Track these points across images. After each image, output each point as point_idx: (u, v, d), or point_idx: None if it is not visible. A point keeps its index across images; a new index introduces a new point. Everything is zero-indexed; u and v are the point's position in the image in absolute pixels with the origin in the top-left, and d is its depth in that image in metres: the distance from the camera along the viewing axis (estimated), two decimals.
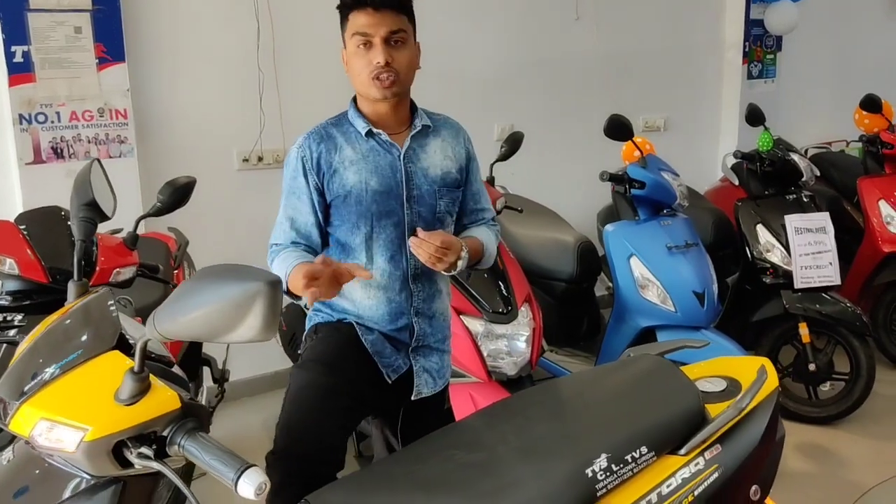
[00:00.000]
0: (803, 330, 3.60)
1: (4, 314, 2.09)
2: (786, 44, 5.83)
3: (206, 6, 3.76)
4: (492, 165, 3.12)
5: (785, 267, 3.64)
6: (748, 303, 3.82)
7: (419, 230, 1.79)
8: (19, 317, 2.09)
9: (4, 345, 2.01)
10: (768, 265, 3.70)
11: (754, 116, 3.88)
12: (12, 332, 2.03)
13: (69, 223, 2.28)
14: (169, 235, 3.22)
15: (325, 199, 1.87)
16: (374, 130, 1.87)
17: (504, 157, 3.13)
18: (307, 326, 2.03)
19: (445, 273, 1.87)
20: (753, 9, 5.51)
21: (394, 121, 1.90)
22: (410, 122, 1.93)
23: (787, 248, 3.63)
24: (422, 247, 1.76)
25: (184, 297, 1.04)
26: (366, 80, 1.82)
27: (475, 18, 4.55)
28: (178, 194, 2.42)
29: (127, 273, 2.28)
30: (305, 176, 1.85)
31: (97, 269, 2.16)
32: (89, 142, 3.46)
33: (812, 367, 3.59)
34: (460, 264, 1.81)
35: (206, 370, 3.13)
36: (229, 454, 1.11)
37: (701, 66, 5.61)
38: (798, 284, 3.59)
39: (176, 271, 2.99)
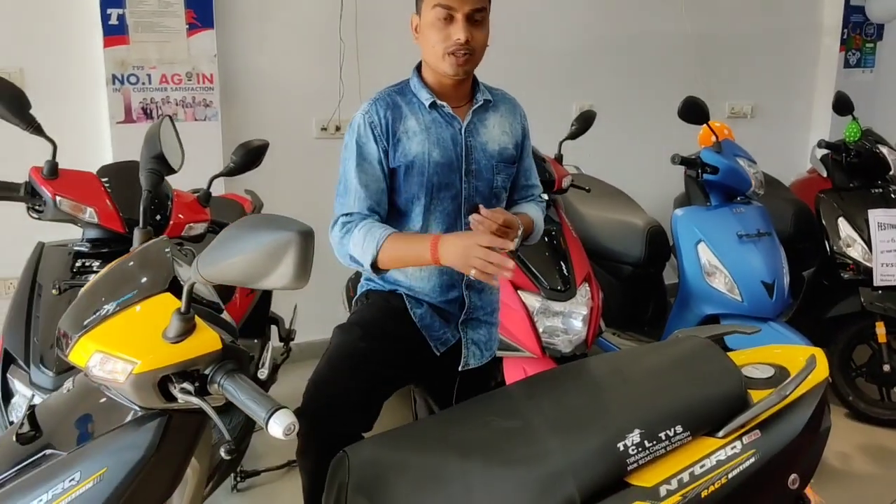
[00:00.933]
0: (880, 329, 3.47)
1: (84, 260, 2.23)
2: (887, 33, 5.55)
3: None
4: (560, 143, 3.10)
5: (865, 263, 3.51)
6: (824, 298, 3.70)
7: (481, 208, 1.80)
8: (97, 263, 2.22)
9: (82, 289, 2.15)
10: (848, 260, 3.57)
11: (842, 105, 3.73)
12: (90, 277, 2.16)
13: None
14: (245, 197, 3.34)
15: (387, 166, 1.88)
16: (438, 102, 1.88)
17: (574, 136, 3.11)
18: (358, 292, 2.08)
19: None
20: None
21: (457, 94, 1.91)
22: (471, 95, 1.94)
23: (868, 243, 3.50)
24: (483, 224, 1.76)
25: (224, 244, 1.11)
26: (440, 53, 1.82)
27: None
28: (250, 156, 2.51)
29: (199, 228, 2.39)
30: (375, 141, 1.83)
31: (171, 222, 2.28)
32: (177, 104, 3.61)
33: (887, 367, 3.46)
34: (516, 242, 1.80)
35: (273, 329, 3.25)
36: (264, 396, 1.17)
37: (795, 52, 5.41)
38: (878, 282, 3.46)
39: None
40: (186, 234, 2.35)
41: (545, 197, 2.15)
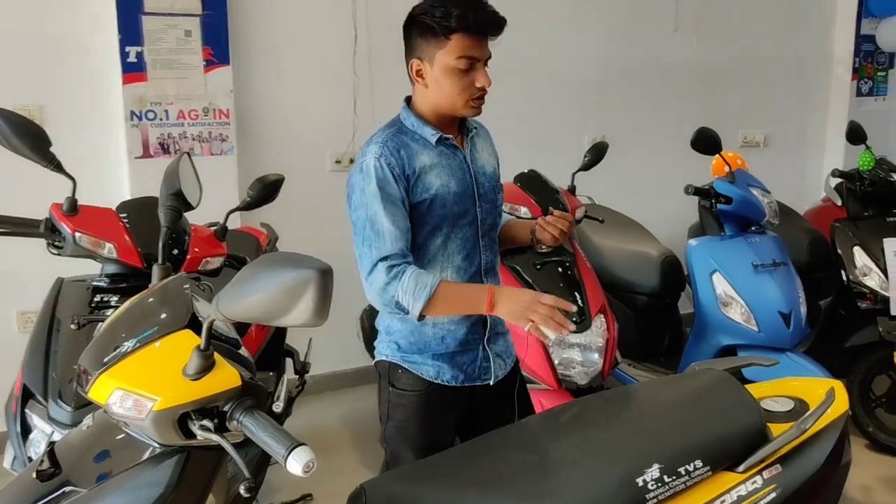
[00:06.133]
0: None
1: (102, 295, 2.26)
2: None
3: (307, 12, 3.92)
4: (574, 174, 3.12)
5: (882, 292, 3.48)
6: (842, 328, 3.67)
7: (553, 210, 2.01)
8: (115, 298, 2.25)
9: (100, 323, 2.16)
10: (864, 290, 3.54)
11: (855, 134, 3.73)
12: (108, 312, 2.18)
13: None
14: (261, 230, 3.37)
15: (408, 204, 1.88)
16: (444, 136, 1.91)
17: (587, 167, 3.13)
18: (377, 352, 2.06)
19: (542, 248, 2.04)
20: (864, 24, 5.28)
21: (452, 126, 1.96)
22: (460, 125, 1.99)
23: (885, 272, 3.47)
24: (557, 224, 1.95)
25: (244, 282, 1.12)
26: (463, 100, 1.86)
27: (570, 24, 4.57)
28: (266, 190, 2.54)
29: (215, 263, 2.41)
30: (396, 181, 1.83)
31: (188, 256, 2.30)
32: (193, 139, 3.66)
33: None
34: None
35: (288, 361, 3.25)
36: (282, 432, 1.17)
37: (807, 82, 5.42)
38: (895, 311, 3.43)
39: None
40: (203, 269, 2.36)
41: None
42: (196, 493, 1.32)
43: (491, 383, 2.01)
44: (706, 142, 3.20)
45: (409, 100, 1.95)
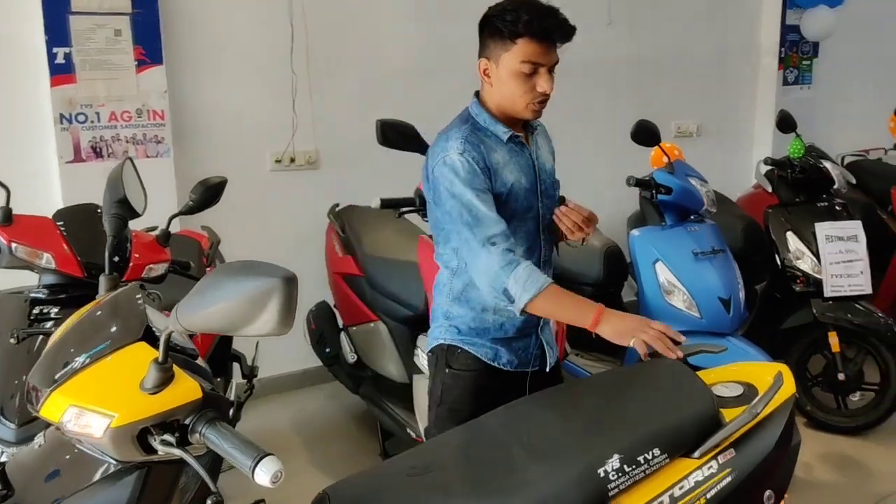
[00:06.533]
0: (833, 339, 3.56)
1: (41, 307, 2.18)
2: (822, 50, 5.77)
3: (241, 10, 3.85)
4: None
5: (815, 275, 3.61)
6: (777, 311, 3.80)
7: (569, 200, 2.06)
8: (55, 310, 2.17)
9: (41, 336, 2.09)
10: (798, 273, 3.67)
11: (785, 123, 3.85)
12: (48, 325, 2.11)
13: None
14: (202, 234, 3.30)
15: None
16: (515, 134, 1.98)
17: None
18: (432, 339, 2.12)
19: (575, 244, 2.15)
20: (789, 14, 5.46)
21: (519, 124, 2.03)
22: (524, 123, 2.05)
23: (817, 255, 3.60)
24: (570, 215, 2.00)
25: (204, 292, 1.09)
26: (524, 103, 1.92)
27: None
28: (209, 193, 2.48)
29: (159, 269, 2.35)
30: (482, 174, 1.90)
31: (130, 264, 2.23)
32: (127, 141, 3.56)
33: (841, 376, 3.55)
34: (587, 237, 2.09)
35: (235, 366, 3.20)
36: (247, 443, 1.15)
37: (735, 72, 5.58)
38: (828, 293, 3.56)
39: (208, 268, 3.06)
40: (147, 276, 2.30)
41: None
42: None
43: (541, 369, 2.11)
44: (645, 133, 3.26)
45: (477, 94, 2.02)
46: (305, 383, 4.17)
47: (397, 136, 2.80)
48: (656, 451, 1.54)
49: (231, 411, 2.41)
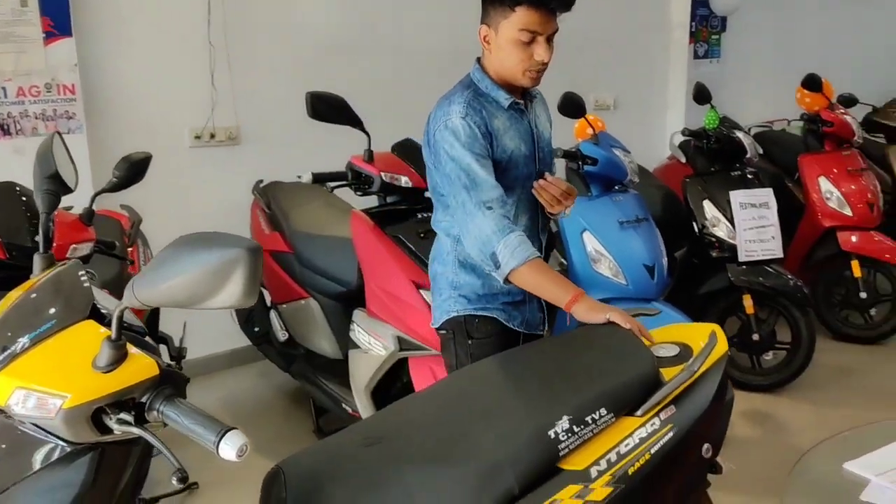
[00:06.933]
0: (747, 301, 3.74)
1: None
2: (730, 24, 5.97)
3: None
4: None
5: (730, 241, 3.77)
6: (695, 276, 3.95)
7: (546, 175, 2.05)
8: None
9: None
10: (714, 239, 3.83)
11: (701, 95, 3.99)
12: None
13: (23, 198, 2.27)
14: (122, 213, 3.19)
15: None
16: (516, 101, 2.00)
17: None
18: (441, 312, 2.11)
19: (556, 217, 2.15)
20: None
21: (519, 92, 2.03)
22: (523, 90, 2.05)
23: (732, 222, 3.76)
24: (549, 189, 2.01)
25: (164, 265, 1.06)
26: (520, 70, 1.93)
27: None
28: (134, 170, 2.40)
29: (84, 249, 2.26)
30: (483, 139, 1.91)
31: (53, 244, 2.14)
32: (36, 118, 3.40)
33: (756, 337, 3.74)
34: (570, 211, 2.09)
35: (163, 348, 3.11)
36: (209, 418, 1.13)
37: (649, 47, 5.72)
38: (742, 258, 3.73)
39: (130, 248, 2.96)
40: (71, 256, 2.21)
41: None
42: (111, 490, 1.25)
43: (544, 333, 2.17)
44: (572, 105, 3.32)
45: (479, 61, 2.02)
46: (234, 363, 4.10)
47: (328, 109, 2.76)
48: (603, 411, 1.58)
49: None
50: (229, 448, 1.09)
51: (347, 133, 2.92)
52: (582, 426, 1.55)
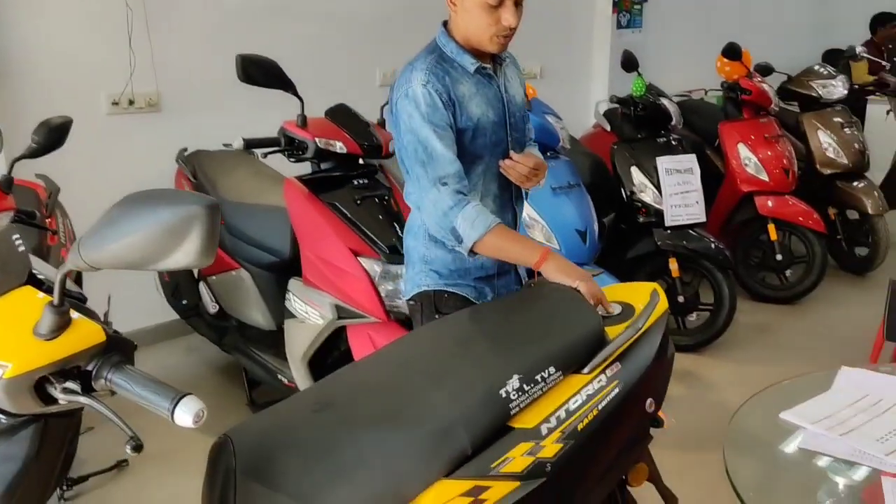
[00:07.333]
0: (673, 265, 3.85)
1: None
2: None
3: None
4: (382, 108, 3.11)
5: (656, 206, 3.86)
6: (623, 241, 4.04)
7: (512, 153, 2.00)
8: None
9: None
10: (641, 205, 3.92)
11: (629, 63, 4.05)
12: None
13: None
14: (38, 182, 3.03)
15: (455, 131, 1.91)
16: (483, 66, 1.94)
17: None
18: (412, 285, 2.07)
19: (528, 188, 2.10)
20: None
21: (488, 55, 1.97)
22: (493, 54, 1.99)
23: (658, 188, 3.85)
24: (515, 168, 1.97)
25: (113, 224, 1.00)
26: (487, 35, 1.87)
27: None
28: (54, 135, 2.29)
29: (4, 218, 2.15)
30: (444, 107, 1.86)
31: None
32: None
33: (681, 299, 3.86)
34: (543, 182, 2.07)
35: None
36: (161, 384, 1.09)
37: (573, 16, 5.76)
38: (668, 222, 3.83)
39: (49, 219, 2.83)
40: None
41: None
42: (55, 462, 1.19)
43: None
44: None
45: (445, 24, 1.95)
46: (161, 338, 3.99)
47: (260, 72, 2.68)
48: (552, 370, 1.60)
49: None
50: (185, 413, 1.05)
51: (277, 98, 2.84)
52: (532, 384, 1.57)
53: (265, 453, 1.47)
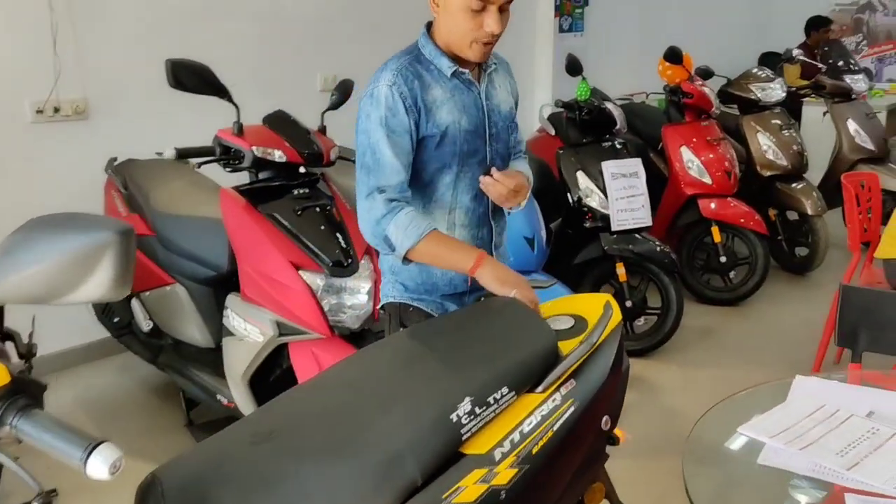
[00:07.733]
0: (620, 269, 3.83)
1: None
2: (593, 0, 6.08)
3: None
4: (323, 114, 3.00)
5: (603, 211, 3.84)
6: (570, 246, 4.00)
7: (493, 171, 1.88)
8: None
9: None
10: (588, 210, 3.89)
11: (573, 67, 4.02)
12: None
13: None
14: None
15: (416, 138, 1.82)
16: (460, 70, 1.85)
17: (335, 106, 3.01)
18: (382, 295, 2.01)
19: (509, 212, 2.03)
20: None
21: (472, 61, 1.87)
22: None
23: (604, 192, 3.82)
24: (495, 186, 1.86)
25: (13, 252, 0.89)
26: (468, 40, 1.79)
27: None
28: None
29: None
30: (406, 112, 1.78)
31: None
32: None
33: (629, 304, 3.84)
34: (524, 203, 1.95)
35: (9, 346, 2.81)
36: (73, 431, 0.98)
37: (516, 20, 5.70)
38: (615, 227, 3.81)
39: None
40: None
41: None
42: None
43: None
44: None
45: (429, 26, 1.85)
46: (92, 357, 3.80)
47: (191, 77, 2.54)
48: (504, 390, 1.53)
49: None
50: (100, 463, 0.95)
51: (214, 104, 2.71)
52: (484, 407, 1.49)
53: (198, 493, 1.35)
